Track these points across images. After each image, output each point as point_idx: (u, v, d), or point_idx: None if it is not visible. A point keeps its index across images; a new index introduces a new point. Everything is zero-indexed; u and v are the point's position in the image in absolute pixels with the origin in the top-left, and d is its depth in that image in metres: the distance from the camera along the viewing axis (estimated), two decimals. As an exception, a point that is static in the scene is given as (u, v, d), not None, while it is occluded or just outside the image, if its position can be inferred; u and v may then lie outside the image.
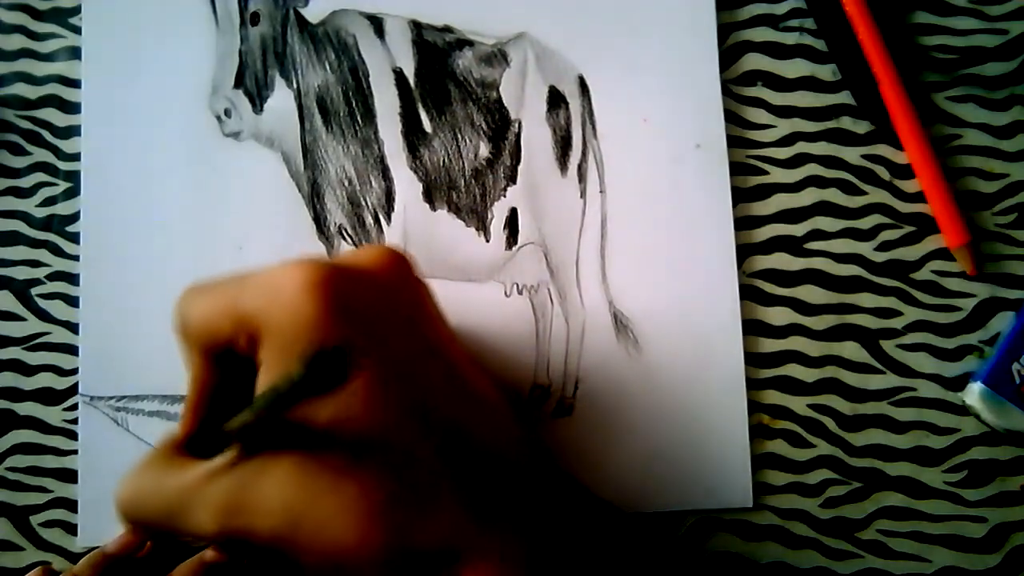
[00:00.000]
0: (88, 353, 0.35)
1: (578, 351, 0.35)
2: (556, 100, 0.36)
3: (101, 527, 0.34)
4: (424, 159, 0.35)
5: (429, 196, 0.35)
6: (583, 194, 0.36)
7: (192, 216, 0.35)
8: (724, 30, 0.37)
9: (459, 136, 0.35)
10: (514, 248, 0.35)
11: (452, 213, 0.35)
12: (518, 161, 0.36)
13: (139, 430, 0.34)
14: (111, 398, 0.34)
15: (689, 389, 0.34)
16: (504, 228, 0.35)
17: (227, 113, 0.35)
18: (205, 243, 0.35)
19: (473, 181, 0.35)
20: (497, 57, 0.36)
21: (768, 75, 0.37)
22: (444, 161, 0.35)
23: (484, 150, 0.35)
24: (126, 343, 0.35)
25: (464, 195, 0.35)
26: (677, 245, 0.35)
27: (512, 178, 0.36)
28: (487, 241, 0.35)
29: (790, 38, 0.37)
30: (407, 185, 0.35)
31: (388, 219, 0.35)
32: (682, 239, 0.35)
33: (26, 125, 0.37)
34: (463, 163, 0.35)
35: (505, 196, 0.35)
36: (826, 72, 0.37)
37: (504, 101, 0.36)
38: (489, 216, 0.35)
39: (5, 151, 0.36)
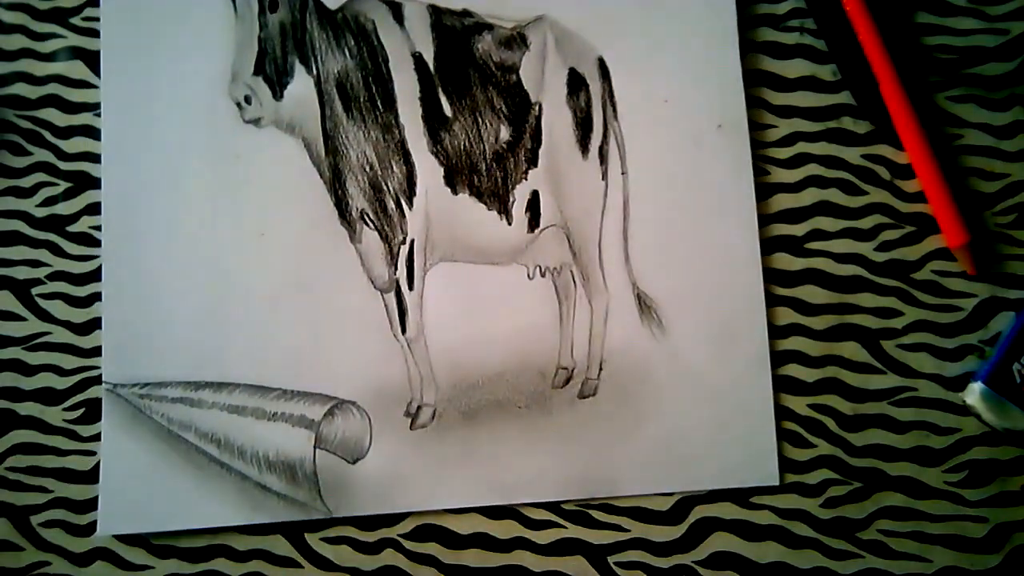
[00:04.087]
0: (111, 342, 0.35)
1: (602, 333, 0.35)
2: (576, 82, 0.36)
3: (122, 514, 0.34)
4: (445, 143, 0.35)
5: (451, 180, 0.35)
6: (605, 176, 0.36)
7: (213, 203, 0.36)
8: (724, 30, 0.37)
9: (479, 120, 0.35)
10: (536, 231, 0.35)
11: (474, 197, 0.35)
12: (539, 144, 0.36)
13: (162, 417, 0.34)
14: (134, 385, 0.35)
15: (714, 369, 0.34)
16: (526, 211, 0.35)
17: (247, 100, 0.35)
18: (226, 230, 0.35)
19: (494, 165, 0.35)
20: (516, 40, 0.36)
21: (768, 75, 0.36)
22: (465, 145, 0.35)
23: (505, 133, 0.35)
24: (149, 331, 0.35)
25: (485, 179, 0.35)
26: (700, 226, 0.35)
27: (533, 161, 0.35)
28: (509, 224, 0.35)
29: (790, 38, 0.37)
30: (428, 169, 0.35)
31: (410, 203, 0.35)
32: (705, 219, 0.35)
33: (26, 125, 0.36)
34: (484, 147, 0.35)
35: (527, 179, 0.35)
36: (826, 72, 0.36)
37: (524, 84, 0.36)
38: (511, 199, 0.35)
39: (5, 151, 0.36)
